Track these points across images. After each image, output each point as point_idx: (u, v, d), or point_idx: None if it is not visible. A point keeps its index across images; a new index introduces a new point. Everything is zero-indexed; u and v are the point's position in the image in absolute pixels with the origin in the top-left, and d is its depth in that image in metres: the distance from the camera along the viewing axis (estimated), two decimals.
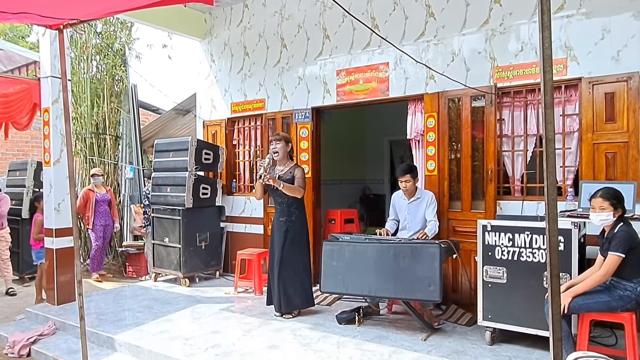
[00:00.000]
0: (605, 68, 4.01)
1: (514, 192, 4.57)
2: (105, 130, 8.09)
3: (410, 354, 3.59)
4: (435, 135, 4.85)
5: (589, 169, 4.08)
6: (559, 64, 4.22)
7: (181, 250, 5.82)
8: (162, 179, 6.09)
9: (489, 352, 3.59)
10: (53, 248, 5.02)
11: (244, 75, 6.48)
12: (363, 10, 5.37)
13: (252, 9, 6.39)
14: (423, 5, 4.97)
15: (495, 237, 3.68)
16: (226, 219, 6.58)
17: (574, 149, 4.27)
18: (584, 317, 3.09)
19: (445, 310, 4.55)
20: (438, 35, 4.89)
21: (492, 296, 3.68)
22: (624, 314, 2.98)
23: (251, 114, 6.44)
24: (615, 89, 3.95)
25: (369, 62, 5.36)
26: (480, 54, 4.64)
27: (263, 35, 6.28)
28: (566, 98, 4.28)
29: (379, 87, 5.28)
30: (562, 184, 4.31)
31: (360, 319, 4.27)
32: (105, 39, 8.02)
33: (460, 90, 4.62)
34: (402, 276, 3.88)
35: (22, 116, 5.28)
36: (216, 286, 5.89)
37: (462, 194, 4.72)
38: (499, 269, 3.65)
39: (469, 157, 4.67)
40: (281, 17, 6.10)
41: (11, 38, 16.88)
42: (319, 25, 5.76)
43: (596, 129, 4.05)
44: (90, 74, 8.00)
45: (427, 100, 4.91)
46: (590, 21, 4.10)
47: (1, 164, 9.97)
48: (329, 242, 4.35)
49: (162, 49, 8.89)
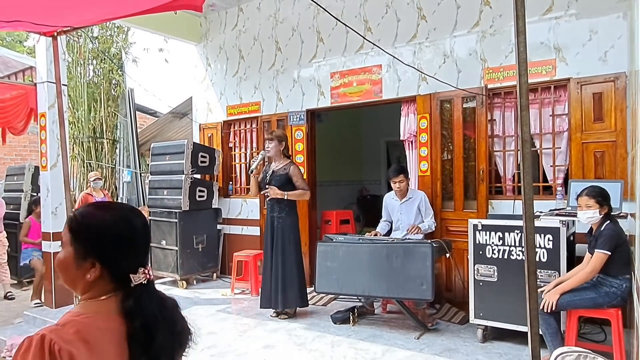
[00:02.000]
0: (593, 68, 4.07)
1: (506, 191, 4.62)
2: (103, 134, 8.14)
3: (403, 352, 3.64)
4: (428, 136, 4.90)
5: (579, 168, 4.13)
6: (548, 64, 4.29)
7: (178, 252, 5.87)
8: (159, 182, 6.14)
9: (481, 350, 3.65)
10: (50, 252, 5.07)
11: (240, 78, 6.54)
12: (356, 13, 5.43)
13: (246, 12, 6.45)
14: (415, 8, 5.03)
15: (486, 236, 3.73)
16: (223, 221, 6.62)
17: (563, 149, 4.32)
18: (572, 313, 3.14)
19: (439, 309, 4.60)
20: (430, 37, 4.95)
21: (484, 294, 3.73)
22: (610, 310, 3.03)
23: (247, 117, 6.50)
24: (603, 89, 4.01)
25: (363, 65, 5.42)
26: (471, 55, 4.70)
27: (258, 38, 6.34)
28: (555, 98, 4.34)
29: (372, 89, 5.34)
30: (552, 183, 4.37)
31: (355, 319, 4.32)
32: (102, 43, 8.08)
33: (451, 91, 4.68)
34: (394, 276, 3.93)
35: (18, 121, 5.33)
36: (213, 288, 5.94)
37: (455, 194, 4.78)
38: (490, 267, 3.70)
39: (461, 157, 4.73)
40: (275, 21, 6.16)
41: (9, 42, 16.92)
42: (312, 28, 5.82)
43: (585, 129, 4.11)
44: (87, 79, 8.06)
45: (419, 102, 4.97)
46: (578, 22, 4.16)
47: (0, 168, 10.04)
48: (323, 242, 4.40)
49: (158, 53, 8.97)
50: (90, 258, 1.10)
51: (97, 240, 1.11)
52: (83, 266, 1.10)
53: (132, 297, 1.10)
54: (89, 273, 1.10)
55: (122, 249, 1.12)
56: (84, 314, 1.07)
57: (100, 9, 2.28)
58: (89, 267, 1.10)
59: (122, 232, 1.13)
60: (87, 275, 1.10)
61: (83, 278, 1.10)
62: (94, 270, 1.10)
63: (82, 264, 1.10)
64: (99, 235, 1.11)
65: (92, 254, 1.10)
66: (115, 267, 1.11)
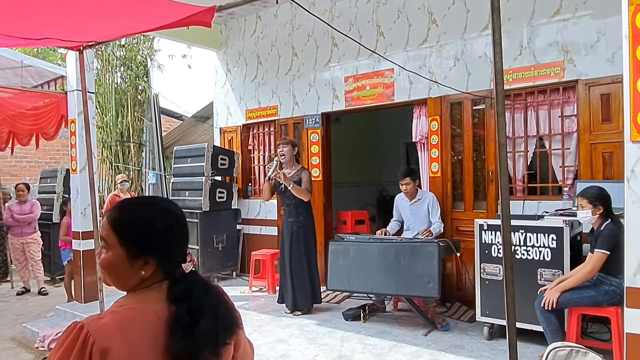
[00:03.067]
0: (600, 70, 4.10)
1: (516, 192, 4.67)
2: (130, 138, 8.52)
3: (410, 347, 3.76)
4: (439, 138, 5.00)
5: (587, 168, 4.17)
6: (556, 66, 4.33)
7: (199, 251, 6.12)
8: (181, 183, 6.42)
9: (486, 347, 3.74)
10: (80, 250, 5.38)
11: (258, 83, 6.76)
12: (369, 18, 5.58)
13: (264, 20, 6.67)
14: (425, 13, 5.14)
15: (492, 235, 3.82)
16: (242, 221, 6.85)
17: (573, 149, 4.36)
18: (573, 311, 3.21)
19: (450, 307, 4.70)
20: (440, 41, 5.05)
21: (490, 293, 3.82)
22: (610, 308, 3.08)
23: (265, 120, 6.71)
24: (611, 90, 4.04)
25: (375, 69, 5.55)
26: (481, 58, 4.78)
27: (275, 44, 6.54)
28: (564, 99, 4.38)
29: (385, 93, 5.47)
30: (562, 183, 4.41)
31: (366, 316, 4.45)
32: (129, 51, 8.45)
33: (461, 94, 4.77)
34: (403, 274, 4.06)
35: (50, 127, 5.69)
36: (232, 285, 6.17)
37: (465, 194, 4.87)
38: (496, 266, 3.79)
39: (471, 158, 4.81)
40: (292, 27, 6.36)
41: (44, 49, 17.68)
42: (327, 34, 5.98)
43: (593, 130, 4.14)
44: (115, 85, 8.44)
45: (430, 105, 5.07)
46: (586, 24, 4.20)
47: (35, 171, 10.56)
48: (335, 242, 4.56)
49: (182, 59, 9.31)
50: (144, 256, 1.11)
51: (148, 238, 1.12)
52: (136, 264, 1.11)
53: (182, 283, 1.12)
54: (143, 270, 1.11)
55: (172, 240, 1.15)
56: (127, 305, 1.10)
57: (119, 26, 2.51)
58: (141, 265, 1.11)
59: (169, 224, 1.14)
60: (141, 272, 1.11)
61: (136, 275, 1.11)
62: (149, 266, 1.11)
63: (135, 263, 1.11)
64: (149, 232, 1.12)
65: (145, 251, 1.11)
66: (168, 260, 1.13)
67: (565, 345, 2.54)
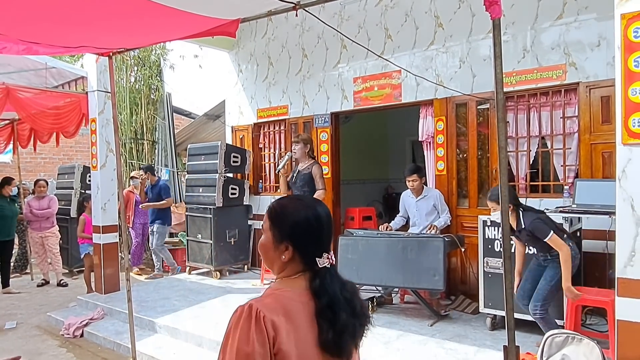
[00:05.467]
0: (601, 73, 4.27)
1: (519, 189, 4.86)
2: (143, 135, 8.76)
3: (416, 336, 3.98)
4: (444, 138, 5.20)
5: (587, 167, 4.35)
6: (558, 69, 4.51)
7: (212, 245, 6.35)
8: (195, 180, 6.65)
9: (489, 337, 3.94)
10: (100, 243, 5.63)
11: (269, 83, 6.97)
12: (377, 21, 5.76)
13: (275, 22, 6.87)
14: (432, 16, 5.32)
15: (494, 231, 4.03)
16: (253, 217, 7.08)
17: (574, 149, 4.54)
18: (571, 302, 3.40)
19: (454, 300, 4.90)
20: (446, 43, 5.23)
21: (492, 285, 4.03)
22: (606, 299, 3.27)
23: (275, 119, 6.93)
24: (611, 93, 4.18)
25: (383, 70, 5.74)
26: (486, 61, 4.95)
27: (286, 45, 6.75)
28: (566, 101, 4.55)
29: (393, 93, 5.66)
30: (563, 181, 4.59)
31: (374, 307, 4.67)
32: (142, 51, 8.68)
33: (466, 95, 4.95)
34: (409, 267, 4.26)
35: (71, 125, 5.93)
36: (244, 279, 6.40)
37: (469, 192, 5.06)
38: (498, 260, 3.99)
39: (475, 157, 5.01)
40: (302, 29, 6.56)
41: None
42: (336, 36, 6.17)
43: (593, 130, 4.32)
44: (129, 84, 8.68)
45: (436, 105, 5.27)
46: (587, 29, 4.36)
47: (49, 167, 10.86)
48: (345, 236, 4.77)
49: (193, 59, 9.52)
50: (285, 242, 1.27)
51: (290, 227, 1.27)
52: (279, 248, 1.27)
53: (318, 277, 1.25)
54: (283, 254, 1.27)
55: (310, 235, 1.28)
56: (282, 289, 1.26)
57: (150, 36, 2.72)
58: (283, 250, 1.27)
59: (311, 221, 1.28)
60: (282, 257, 1.27)
61: (279, 259, 1.28)
62: (287, 252, 1.26)
63: (279, 247, 1.28)
64: (293, 223, 1.28)
65: (286, 238, 1.27)
66: (304, 251, 1.27)
67: (561, 333, 2.75)
